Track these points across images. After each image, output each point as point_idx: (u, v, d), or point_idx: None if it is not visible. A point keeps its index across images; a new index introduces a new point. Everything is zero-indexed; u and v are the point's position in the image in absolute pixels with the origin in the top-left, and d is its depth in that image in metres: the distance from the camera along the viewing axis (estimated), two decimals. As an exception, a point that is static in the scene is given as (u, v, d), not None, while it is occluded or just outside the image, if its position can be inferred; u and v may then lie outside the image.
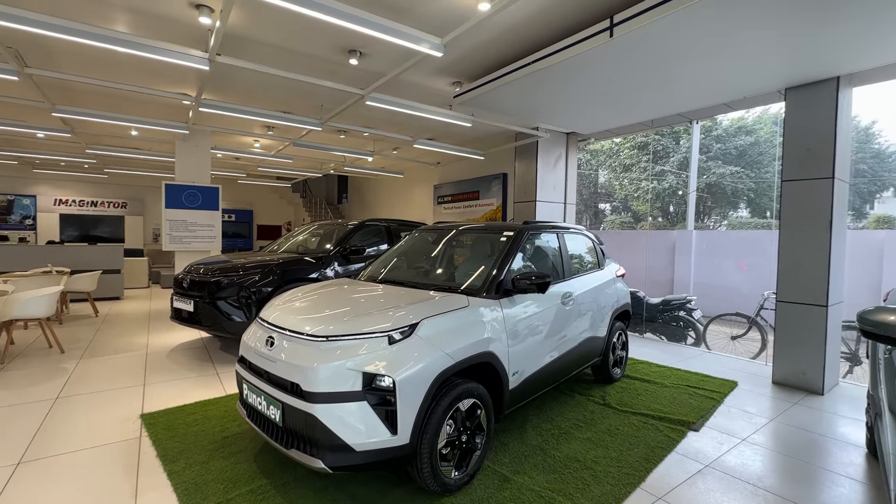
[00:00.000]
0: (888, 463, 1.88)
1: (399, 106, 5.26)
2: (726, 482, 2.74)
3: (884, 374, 2.28)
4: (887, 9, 3.03)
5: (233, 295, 4.81)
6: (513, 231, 3.46)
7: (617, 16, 3.29)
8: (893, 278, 7.67)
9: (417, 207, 11.22)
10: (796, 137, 4.49)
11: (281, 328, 2.58)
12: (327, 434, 2.17)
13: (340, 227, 6.41)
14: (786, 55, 3.84)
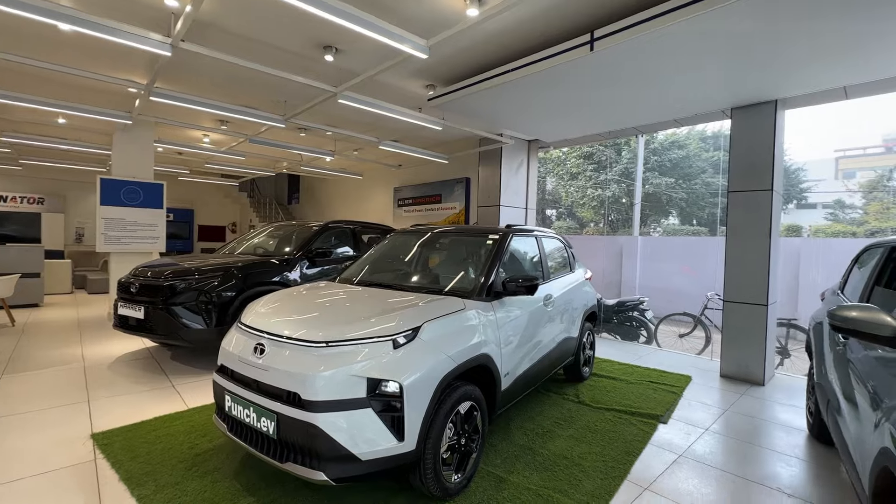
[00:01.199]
0: (849, 443, 2.12)
1: (372, 106, 5.16)
2: (700, 469, 2.95)
3: (835, 365, 2.57)
4: (810, 49, 3.46)
5: (190, 300, 4.45)
6: (498, 234, 3.51)
7: (598, 31, 3.46)
8: (808, 280, 8.69)
9: (376, 209, 11.04)
10: (741, 152, 4.96)
11: (272, 334, 2.43)
12: (330, 444, 2.07)
13: (303, 228, 6.16)
14: (735, 79, 4.24)
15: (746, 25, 3.19)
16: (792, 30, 3.25)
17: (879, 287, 2.54)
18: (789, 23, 3.14)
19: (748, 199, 4.90)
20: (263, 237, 6.39)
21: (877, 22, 3.10)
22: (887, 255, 2.58)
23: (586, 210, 22.46)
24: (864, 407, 1.95)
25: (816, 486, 2.80)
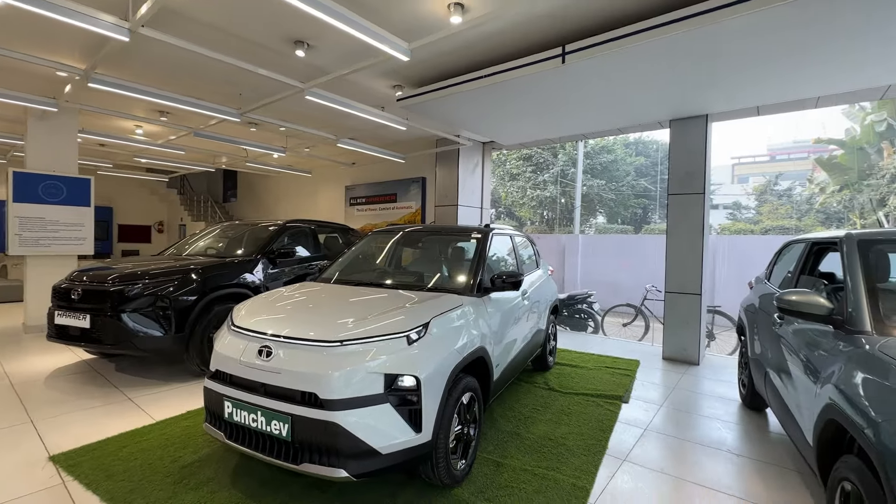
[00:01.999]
0: (791, 406, 2.56)
1: (340, 104, 5.10)
2: (663, 439, 3.34)
3: (772, 342, 3.05)
4: (730, 77, 4.07)
5: (145, 306, 4.12)
6: (480, 233, 3.68)
7: (568, 45, 3.75)
8: (721, 272, 9.89)
9: (327, 208, 10.76)
10: (678, 160, 5.59)
11: (280, 337, 2.39)
12: (351, 441, 2.11)
13: (259, 228, 5.90)
14: (675, 95, 4.79)
15: (685, 57, 3.66)
16: (718, 62, 3.78)
17: (804, 276, 3.06)
18: (716, 57, 3.67)
19: (684, 202, 5.54)
20: (213, 237, 6.02)
21: (776, 62, 3.71)
22: (809, 249, 3.11)
23: (525, 210, 23.51)
24: (804, 374, 2.37)
25: (753, 444, 3.29)
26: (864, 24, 3.15)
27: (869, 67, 3.90)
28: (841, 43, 3.44)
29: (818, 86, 4.45)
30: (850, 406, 1.79)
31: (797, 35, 3.33)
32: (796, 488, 2.69)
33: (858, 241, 2.44)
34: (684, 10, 3.24)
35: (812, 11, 3.01)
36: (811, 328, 2.43)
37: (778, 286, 3.58)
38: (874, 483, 1.62)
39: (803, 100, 5.00)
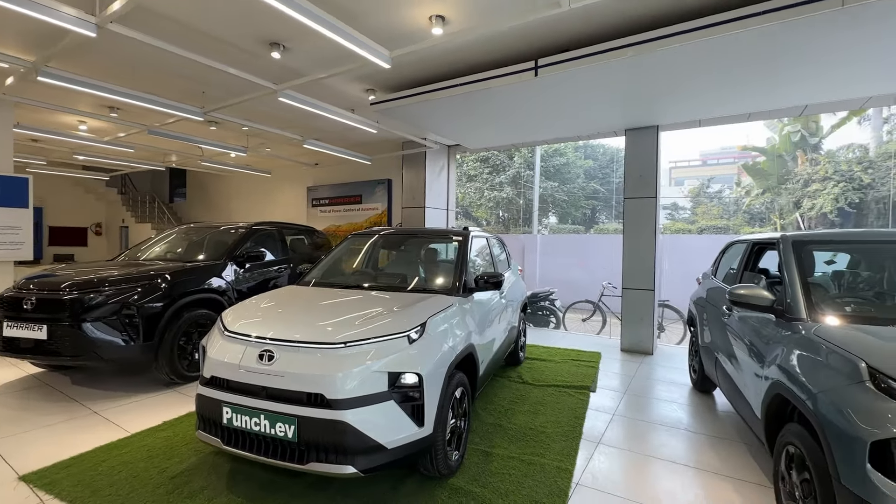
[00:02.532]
0: (740, 387, 2.94)
1: (313, 107, 5.07)
2: (630, 423, 3.68)
3: (722, 331, 3.46)
4: (676, 94, 4.56)
5: (109, 315, 3.91)
6: (461, 236, 3.85)
7: (541, 60, 4.01)
8: (667, 269, 10.70)
9: (287, 209, 10.50)
10: (633, 166, 6.06)
11: (282, 340, 2.42)
12: (359, 438, 2.20)
13: (225, 231, 5.73)
14: (630, 107, 5.21)
15: (636, 75, 4.06)
16: (667, 82, 4.22)
17: (747, 272, 3.49)
18: (664, 77, 4.10)
19: (639, 205, 6.02)
20: (172, 241, 5.77)
21: (714, 84, 4.19)
22: (751, 248, 3.55)
23: (482, 210, 24.01)
24: (752, 357, 2.74)
25: (705, 422, 3.70)
26: (777, 55, 3.65)
27: (784, 90, 4.49)
28: (762, 72, 3.97)
29: (748, 104, 5.04)
30: (792, 382, 2.13)
31: (728, 63, 3.82)
32: (744, 457, 3.08)
33: (793, 241, 2.85)
34: (637, 37, 3.60)
35: (735, 47, 3.49)
36: (757, 317, 2.81)
37: (723, 281, 4.04)
38: (814, 444, 1.96)
39: (737, 115, 5.63)
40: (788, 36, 3.34)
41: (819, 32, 3.29)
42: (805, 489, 2.01)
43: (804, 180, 17.53)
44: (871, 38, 3.37)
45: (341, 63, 4.34)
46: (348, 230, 9.32)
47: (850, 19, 3.08)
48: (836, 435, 1.76)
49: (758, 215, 22.49)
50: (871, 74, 4.10)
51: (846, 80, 4.23)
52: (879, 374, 1.74)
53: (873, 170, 15.85)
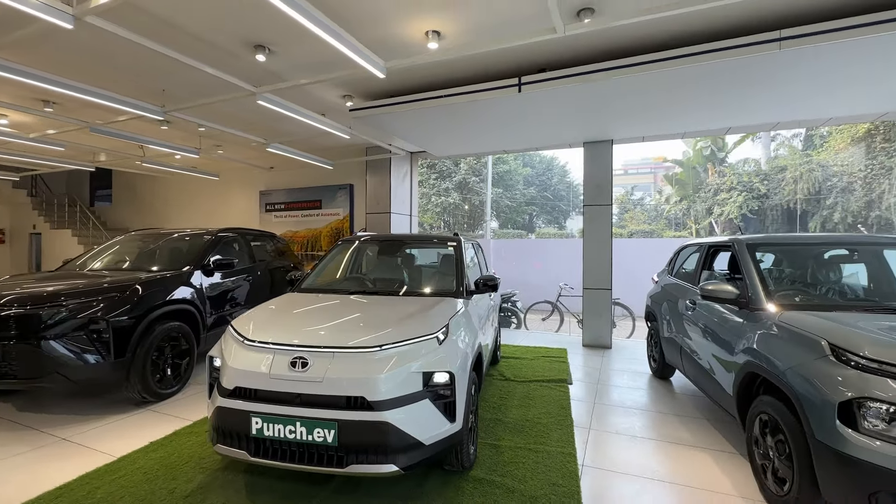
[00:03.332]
0: (710, 371, 3.40)
1: (291, 111, 4.97)
2: (610, 408, 4.06)
3: (688, 323, 3.95)
4: (623, 117, 5.16)
5: (75, 330, 3.57)
6: (455, 242, 4.01)
7: (524, 77, 4.32)
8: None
9: (237, 213, 9.96)
10: (591, 176, 6.61)
11: (313, 347, 2.43)
12: (400, 437, 2.29)
13: (189, 238, 5.40)
14: (588, 123, 5.73)
15: (598, 95, 4.56)
16: (618, 104, 4.80)
17: (705, 270, 4.03)
18: (615, 100, 4.65)
19: (597, 211, 6.58)
20: (122, 249, 5.33)
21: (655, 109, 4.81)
22: (706, 251, 4.10)
23: (429, 215, 24.27)
24: (722, 342, 3.19)
25: (670, 403, 4.19)
26: (693, 87, 4.31)
27: (708, 114, 5.26)
28: (689, 100, 4.69)
29: (682, 125, 5.80)
30: (765, 360, 2.57)
31: (662, 94, 4.47)
32: (710, 431, 3.56)
33: (746, 244, 3.37)
34: (596, 65, 4.09)
35: (664, 80, 4.13)
36: (723, 308, 3.29)
37: (681, 280, 4.58)
38: (786, 410, 2.38)
39: (673, 133, 6.41)
40: (730, 69, 3.94)
41: (758, 66, 3.91)
42: (779, 448, 2.43)
43: (714, 190, 19.85)
44: (807, 73, 4.06)
45: (327, 69, 4.34)
46: (307, 236, 9.08)
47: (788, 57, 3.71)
48: (809, 400, 2.18)
49: (675, 220, 25.06)
50: (790, 101, 4.91)
51: (767, 105, 5.03)
52: (838, 349, 2.18)
53: (768, 181, 18.36)
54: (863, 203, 15.70)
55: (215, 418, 2.49)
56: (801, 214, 17.52)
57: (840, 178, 16.37)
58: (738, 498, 2.61)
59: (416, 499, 2.55)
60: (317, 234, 9.01)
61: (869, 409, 1.97)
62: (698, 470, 2.95)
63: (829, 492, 2.08)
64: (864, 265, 3.46)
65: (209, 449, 3.11)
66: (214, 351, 2.75)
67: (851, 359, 2.12)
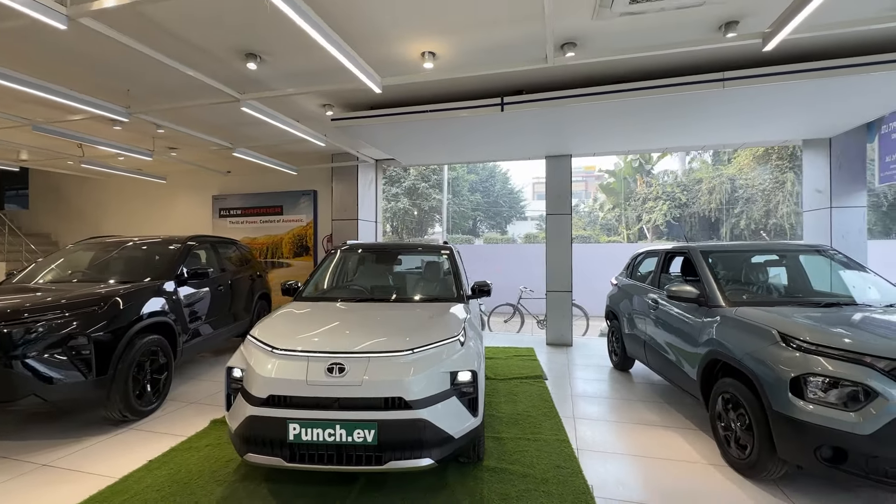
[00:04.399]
0: (675, 361, 3.94)
1: (273, 118, 4.94)
2: (588, 399, 4.51)
3: (648, 322, 4.51)
4: (581, 135, 5.77)
5: (53, 347, 3.33)
6: (448, 249, 4.26)
7: (506, 98, 4.69)
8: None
9: (186, 219, 9.39)
10: (552, 187, 7.16)
11: (348, 353, 2.56)
12: (435, 432, 2.49)
13: (155, 246, 5.14)
14: (552, 139, 6.26)
15: (557, 119, 5.09)
16: (574, 126, 5.36)
17: (663, 274, 4.63)
18: (579, 121, 5.22)
19: (558, 220, 7.14)
20: (75, 259, 4.96)
21: (605, 130, 5.46)
22: (664, 256, 4.70)
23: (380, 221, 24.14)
24: (685, 335, 3.73)
25: (635, 391, 4.74)
26: (647, 113, 5.00)
27: (652, 136, 6.04)
28: (640, 123, 5.39)
29: (630, 143, 6.59)
30: (726, 348, 3.09)
31: (620, 117, 5.12)
32: (669, 411, 4.11)
33: (700, 251, 3.97)
34: (570, 91, 4.61)
35: (627, 106, 4.74)
36: (685, 307, 3.84)
37: (640, 283, 5.17)
38: (744, 388, 2.90)
39: (621, 150, 7.19)
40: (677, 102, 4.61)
41: (700, 100, 4.60)
42: (740, 420, 2.96)
43: (642, 198, 21.81)
44: (741, 108, 4.82)
45: (315, 81, 4.41)
46: (266, 243, 8.82)
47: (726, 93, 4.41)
48: (765, 379, 2.70)
49: (608, 226, 27.13)
50: (720, 129, 5.76)
51: (702, 131, 5.85)
52: (786, 336, 2.73)
53: (687, 192, 20.55)
54: (763, 212, 18.15)
55: (245, 428, 2.52)
56: (714, 222, 19.84)
57: (745, 191, 18.77)
58: (706, 465, 3.12)
59: (442, 489, 2.75)
60: (278, 240, 8.78)
61: (811, 383, 2.52)
62: (670, 445, 3.44)
63: (784, 451, 2.61)
64: (785, 268, 4.19)
65: (217, 463, 3.08)
66: (235, 361, 2.77)
67: (796, 343, 2.67)
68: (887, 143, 5.80)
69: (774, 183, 17.79)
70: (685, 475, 2.99)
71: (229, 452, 3.22)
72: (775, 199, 17.74)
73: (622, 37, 3.72)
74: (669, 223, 20.36)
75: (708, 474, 3.00)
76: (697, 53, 4.04)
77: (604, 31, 3.64)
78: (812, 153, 6.52)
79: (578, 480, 2.87)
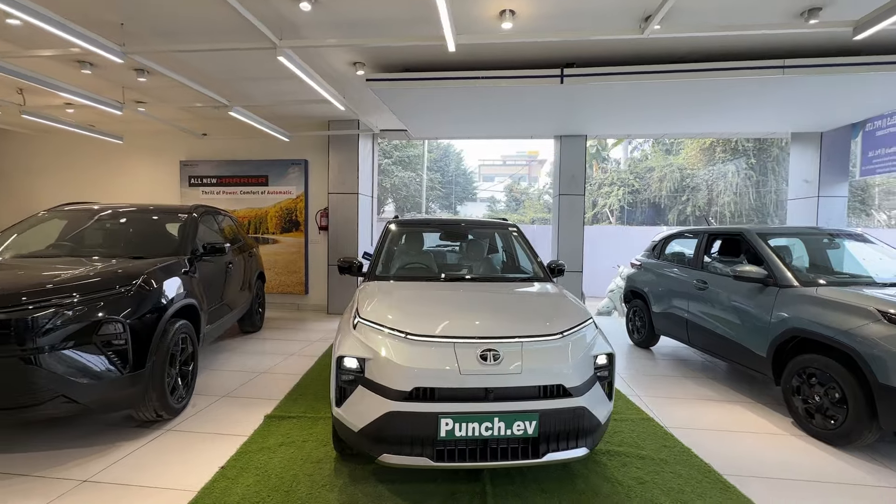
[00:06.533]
0: (734, 340, 4.08)
1: (305, 73, 4.32)
2: (633, 377, 4.59)
3: (689, 301, 4.65)
4: (602, 117, 5.82)
5: (79, 336, 2.68)
6: (514, 226, 4.03)
7: (567, 70, 4.47)
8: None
9: (144, 186, 8.17)
10: (566, 167, 7.13)
11: (500, 338, 2.30)
12: (591, 419, 2.34)
13: (162, 216, 4.39)
14: (570, 118, 6.19)
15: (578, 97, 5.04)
16: (589, 107, 5.38)
17: (706, 256, 4.77)
18: (610, 99, 5.23)
19: (570, 200, 7.14)
20: (58, 230, 4.11)
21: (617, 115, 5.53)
22: (706, 238, 4.83)
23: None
24: (749, 314, 3.86)
25: (666, 367, 4.91)
26: (678, 94, 5.11)
27: (663, 122, 6.24)
28: (660, 107, 5.49)
29: (639, 127, 6.78)
30: (815, 326, 3.21)
31: (646, 101, 5.19)
32: (719, 387, 4.29)
33: (756, 233, 4.12)
34: (640, 67, 4.52)
35: (668, 88, 4.80)
36: (747, 287, 3.96)
37: (677, 265, 5.27)
38: (834, 363, 3.05)
39: (630, 133, 7.31)
40: (721, 87, 4.70)
41: (741, 87, 4.71)
42: (829, 394, 3.10)
43: (598, 184, 22.78)
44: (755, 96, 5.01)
45: (359, 32, 3.90)
46: (248, 216, 7.96)
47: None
48: (871, 354, 2.84)
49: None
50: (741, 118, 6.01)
51: (719, 121, 6.08)
52: (887, 313, 2.89)
53: (640, 179, 21.77)
54: (706, 200, 19.75)
55: (381, 426, 2.19)
56: (664, 208, 21.28)
57: (692, 179, 20.26)
58: (790, 436, 3.26)
59: (574, 477, 2.61)
60: (262, 214, 7.95)
61: (921, 357, 2.68)
62: (745, 419, 3.57)
63: (889, 422, 2.78)
64: (832, 251, 4.45)
65: (306, 464, 2.69)
66: (350, 349, 2.39)
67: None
68: (869, 140, 6.41)
69: (718, 174, 19.37)
70: (780, 447, 3.11)
71: (315, 452, 2.84)
72: (717, 188, 19.35)
73: (704, 14, 3.65)
74: (623, 207, 21.49)
75: (796, 445, 3.14)
76: (752, 38, 4.10)
77: (689, 7, 3.54)
78: (801, 146, 7.05)
79: (695, 459, 2.88)
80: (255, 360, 4.85)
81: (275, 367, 4.66)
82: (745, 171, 18.74)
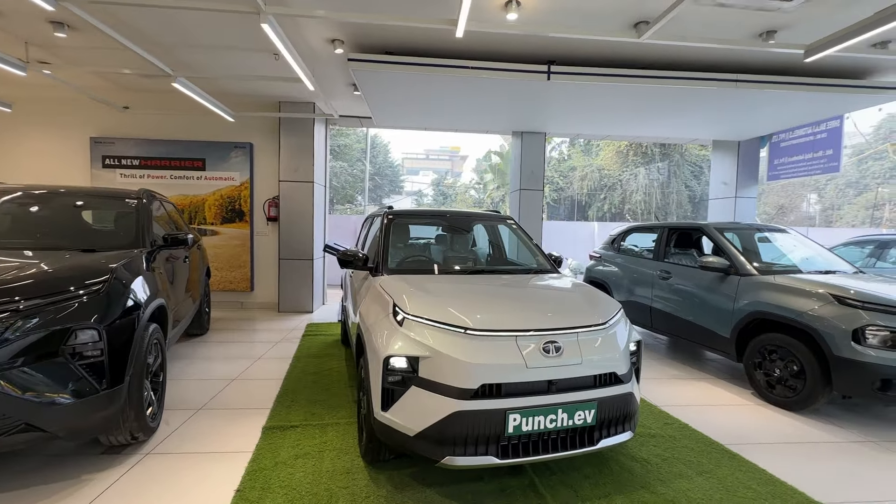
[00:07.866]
0: (700, 324, 4.54)
1: (285, 46, 3.89)
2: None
3: (651, 290, 5.08)
4: (563, 116, 6.17)
5: (44, 349, 2.14)
6: (512, 219, 4.05)
7: (553, 67, 4.57)
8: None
9: (40, 165, 6.77)
10: (526, 163, 7.34)
11: (559, 329, 2.29)
12: (636, 404, 2.46)
13: (106, 201, 3.68)
14: (531, 115, 6.41)
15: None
16: (550, 106, 5.69)
17: (669, 248, 5.22)
18: (575, 100, 5.56)
19: (530, 196, 7.38)
20: None
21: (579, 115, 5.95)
22: (667, 233, 5.29)
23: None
24: (713, 301, 4.32)
25: (637, 353, 5.34)
26: (642, 98, 5.60)
27: (617, 125, 6.73)
28: (625, 110, 5.94)
29: (596, 128, 7.20)
30: (776, 308, 3.69)
31: (613, 102, 5.57)
32: (682, 366, 4.76)
33: (714, 227, 4.62)
34: (629, 70, 4.78)
35: (634, 92, 5.19)
36: (710, 276, 4.42)
37: (639, 256, 5.70)
38: (794, 341, 3.55)
39: (586, 133, 7.76)
40: (681, 95, 5.18)
41: (696, 96, 5.24)
42: (789, 367, 3.60)
43: (526, 180, 23.87)
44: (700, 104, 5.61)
45: (353, 4, 3.63)
46: (182, 204, 7.01)
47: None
48: (827, 332, 3.34)
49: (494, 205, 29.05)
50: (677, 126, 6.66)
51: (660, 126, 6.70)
52: (838, 297, 3.41)
53: (564, 177, 23.25)
54: (620, 199, 21.72)
55: (445, 426, 2.07)
56: (584, 205, 22.99)
57: (609, 179, 22.14)
58: (755, 406, 3.73)
59: (608, 461, 2.71)
60: (198, 202, 7.05)
61: (867, 332, 3.22)
62: (715, 394, 4.00)
63: (842, 387, 3.29)
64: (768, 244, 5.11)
65: (335, 478, 2.46)
66: (400, 348, 2.22)
67: (849, 301, 3.36)
68: (775, 150, 7.52)
69: (630, 175, 21.39)
70: (751, 415, 3.53)
71: (338, 462, 2.60)
72: (630, 188, 21.38)
73: (688, 25, 3.97)
74: (550, 204, 22.78)
75: (763, 413, 3.60)
76: (713, 52, 4.57)
77: (679, 17, 3.82)
78: (721, 152, 8.04)
79: (697, 433, 3.15)
80: (220, 367, 4.31)
81: (245, 372, 4.19)
82: (654, 173, 20.93)
